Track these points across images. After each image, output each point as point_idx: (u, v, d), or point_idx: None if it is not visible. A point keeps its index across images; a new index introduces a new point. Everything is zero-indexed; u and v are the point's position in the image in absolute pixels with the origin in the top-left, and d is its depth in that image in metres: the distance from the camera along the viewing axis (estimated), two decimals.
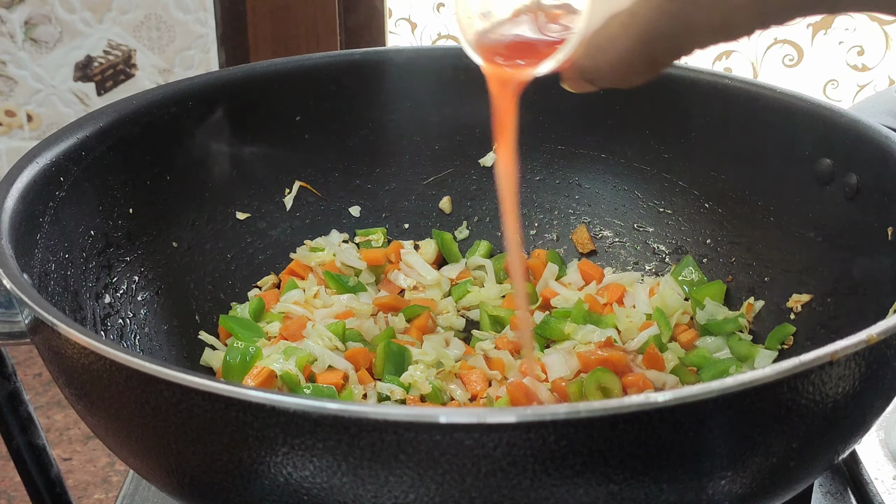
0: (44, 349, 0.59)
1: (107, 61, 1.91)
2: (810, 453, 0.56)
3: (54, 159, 0.74)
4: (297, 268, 0.94)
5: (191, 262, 0.89)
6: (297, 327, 0.86)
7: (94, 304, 0.77)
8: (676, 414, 0.48)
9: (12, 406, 0.73)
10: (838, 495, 0.77)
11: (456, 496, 0.48)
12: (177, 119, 0.86)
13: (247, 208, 0.94)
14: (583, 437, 0.47)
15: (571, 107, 0.96)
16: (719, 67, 1.94)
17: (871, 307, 0.73)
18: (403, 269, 0.96)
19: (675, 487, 0.50)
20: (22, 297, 0.56)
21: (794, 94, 0.84)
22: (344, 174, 0.99)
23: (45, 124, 1.96)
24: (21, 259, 0.64)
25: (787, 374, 0.49)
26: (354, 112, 0.97)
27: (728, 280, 0.90)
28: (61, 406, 1.77)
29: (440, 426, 0.46)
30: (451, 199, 1.01)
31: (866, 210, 0.76)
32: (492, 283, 0.96)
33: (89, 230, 0.78)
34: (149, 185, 0.85)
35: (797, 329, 0.83)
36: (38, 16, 1.87)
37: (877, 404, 0.58)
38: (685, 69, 0.91)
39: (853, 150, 0.78)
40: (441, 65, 0.97)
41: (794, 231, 0.84)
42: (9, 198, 0.67)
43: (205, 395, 0.49)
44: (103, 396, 0.54)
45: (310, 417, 0.47)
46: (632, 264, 0.97)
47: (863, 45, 1.89)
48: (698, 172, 0.92)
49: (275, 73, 0.93)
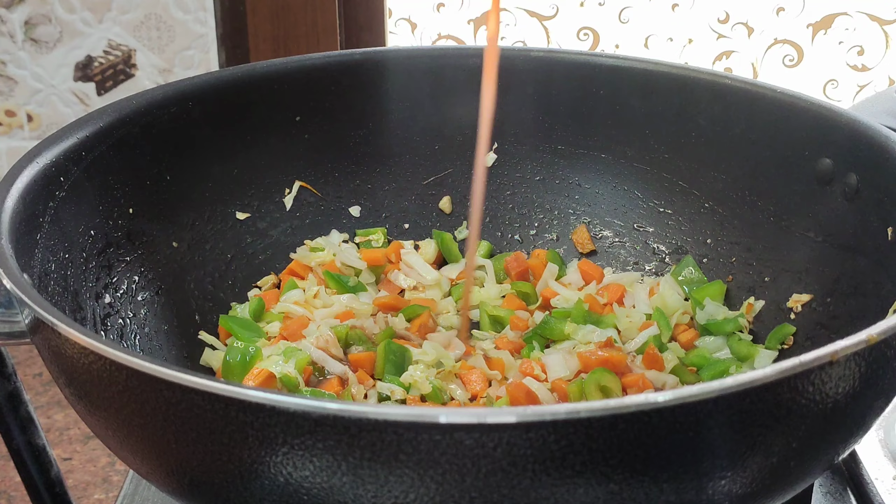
0: (44, 349, 0.59)
1: (107, 61, 1.91)
2: (810, 453, 0.56)
3: (54, 159, 0.74)
4: (297, 268, 0.94)
5: (191, 262, 0.89)
6: (297, 327, 0.86)
7: (94, 304, 0.77)
8: (676, 414, 0.48)
9: (12, 406, 0.73)
10: (838, 495, 0.77)
11: (456, 496, 0.48)
12: (177, 119, 0.86)
13: (247, 208, 0.94)
14: (583, 437, 0.47)
15: (571, 107, 0.96)
16: (719, 67, 1.94)
17: (871, 307, 0.73)
18: (403, 269, 0.96)
19: (675, 487, 0.50)
20: (22, 297, 0.56)
21: (794, 94, 0.84)
22: (344, 174, 0.99)
23: (45, 124, 1.96)
24: (21, 259, 0.64)
25: (787, 374, 0.49)
26: (354, 112, 0.97)
27: (728, 280, 0.90)
28: (61, 406, 1.77)
29: (440, 426, 0.46)
30: (450, 199, 1.01)
31: (866, 210, 0.77)
32: (492, 283, 0.96)
33: (89, 230, 0.78)
34: (149, 185, 0.85)
35: (797, 329, 0.83)
36: (38, 16, 1.87)
37: (877, 404, 0.58)
38: (685, 69, 0.91)
39: (853, 150, 0.78)
40: (441, 65, 0.97)
41: (794, 231, 0.85)
42: (9, 198, 0.67)
43: (205, 395, 0.49)
44: (103, 396, 0.54)
45: (310, 417, 0.47)
46: (632, 264, 0.97)
47: (863, 45, 1.89)
48: (698, 172, 0.92)
49: (275, 73, 0.93)
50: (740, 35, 1.91)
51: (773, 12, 1.89)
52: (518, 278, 0.95)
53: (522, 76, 0.97)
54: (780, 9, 1.88)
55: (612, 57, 0.94)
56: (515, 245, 1.00)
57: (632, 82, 0.93)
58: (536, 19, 1.95)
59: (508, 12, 1.95)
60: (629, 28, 1.94)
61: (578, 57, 0.95)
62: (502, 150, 1.00)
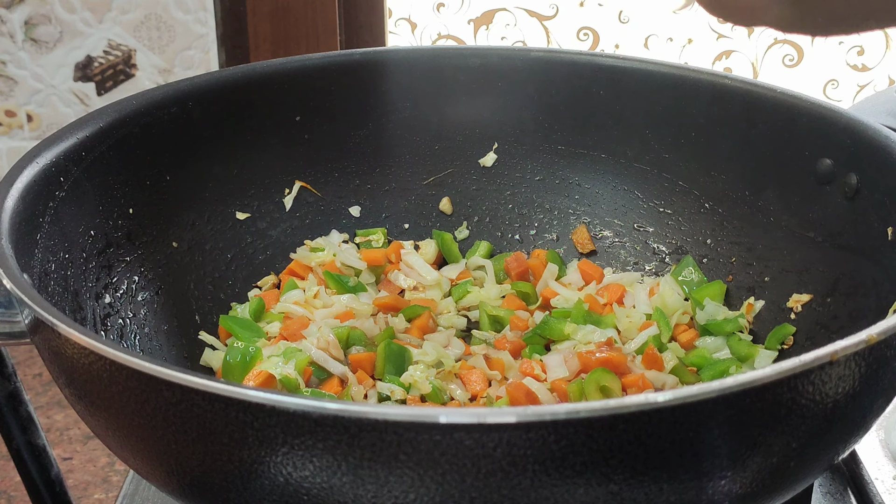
0: (44, 349, 0.59)
1: (107, 61, 1.91)
2: (810, 453, 0.56)
3: (54, 159, 0.74)
4: (297, 268, 0.94)
5: (191, 262, 0.89)
6: (298, 327, 0.86)
7: (94, 304, 0.77)
8: (676, 414, 0.48)
9: (12, 406, 0.73)
10: (838, 495, 0.77)
11: (456, 496, 0.48)
12: (177, 119, 0.86)
13: (247, 208, 0.94)
14: (583, 437, 0.47)
15: (571, 107, 0.96)
16: (719, 67, 1.94)
17: (871, 307, 0.73)
18: (404, 270, 0.96)
19: (675, 487, 0.50)
20: (22, 297, 0.56)
21: (794, 94, 0.84)
22: (344, 174, 0.99)
23: (45, 124, 1.96)
24: (21, 259, 0.64)
25: (787, 374, 0.49)
26: (354, 112, 0.97)
27: (728, 280, 0.90)
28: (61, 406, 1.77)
29: (440, 426, 0.46)
30: (450, 200, 1.01)
31: (866, 210, 0.76)
32: (492, 283, 0.96)
33: (89, 230, 0.78)
34: (149, 185, 0.85)
35: (797, 329, 0.83)
36: (38, 16, 1.87)
37: (877, 404, 0.58)
38: (685, 69, 0.91)
39: (853, 150, 0.78)
40: (441, 65, 0.97)
41: (794, 231, 0.84)
42: (9, 198, 0.67)
43: (205, 395, 0.49)
44: (103, 396, 0.54)
45: (310, 417, 0.47)
46: (632, 264, 0.97)
47: (863, 45, 1.89)
48: (698, 172, 0.92)
49: (275, 73, 0.93)
50: (740, 35, 1.91)
51: None
52: (518, 279, 0.95)
53: (522, 76, 0.97)
54: None
55: (612, 57, 0.94)
56: (515, 245, 1.00)
57: (632, 82, 0.93)
58: (536, 19, 1.95)
59: (508, 12, 1.95)
60: (629, 28, 1.94)
61: (578, 57, 0.95)
62: (502, 150, 1.00)
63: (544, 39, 1.96)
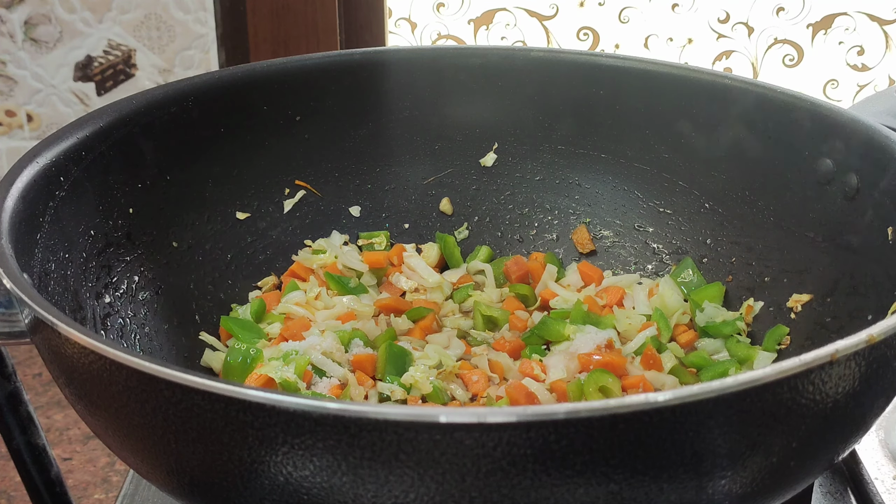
0: (44, 349, 0.59)
1: (107, 61, 1.91)
2: (810, 453, 0.56)
3: (54, 159, 0.74)
4: (298, 269, 0.94)
5: (191, 262, 0.89)
6: (298, 328, 0.86)
7: (94, 304, 0.77)
8: (676, 414, 0.48)
9: (12, 406, 0.73)
10: (838, 495, 0.77)
11: (456, 496, 0.48)
12: (177, 119, 0.86)
13: (247, 208, 0.94)
14: (583, 437, 0.47)
15: (571, 107, 0.96)
16: (719, 67, 1.94)
17: (871, 307, 0.73)
18: (405, 272, 0.96)
19: (675, 487, 0.50)
20: (22, 296, 0.56)
21: (795, 94, 0.84)
22: (344, 174, 0.99)
23: (45, 124, 1.96)
24: (21, 259, 0.64)
25: (788, 374, 0.49)
26: (354, 112, 0.97)
27: (728, 280, 0.90)
28: (61, 406, 1.77)
29: (440, 426, 0.46)
30: (450, 200, 1.01)
31: (866, 210, 0.76)
32: (491, 287, 0.95)
33: (89, 230, 0.78)
34: (149, 185, 0.85)
35: (797, 329, 0.83)
36: (38, 16, 1.87)
37: (877, 404, 0.58)
38: (685, 69, 0.91)
39: (853, 150, 0.78)
40: (441, 65, 0.97)
41: (794, 231, 0.84)
42: (9, 198, 0.67)
43: (205, 395, 0.49)
44: (103, 396, 0.54)
45: (310, 417, 0.47)
46: (632, 264, 0.97)
47: (863, 45, 1.89)
48: (698, 172, 0.92)
49: (275, 73, 0.93)
50: (740, 35, 1.91)
51: (773, 12, 1.89)
52: (518, 282, 0.95)
53: (522, 76, 0.97)
54: (780, 9, 1.88)
55: (612, 57, 0.95)
56: (515, 245, 1.00)
57: (632, 82, 0.93)
58: (536, 19, 1.95)
59: (508, 12, 1.95)
60: (629, 28, 1.94)
61: (578, 57, 0.95)
62: (502, 150, 1.00)
63: (544, 39, 1.96)
